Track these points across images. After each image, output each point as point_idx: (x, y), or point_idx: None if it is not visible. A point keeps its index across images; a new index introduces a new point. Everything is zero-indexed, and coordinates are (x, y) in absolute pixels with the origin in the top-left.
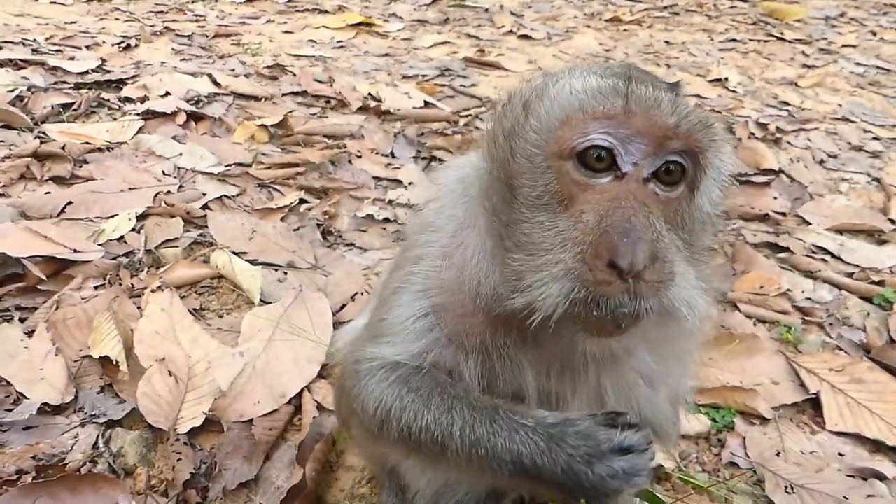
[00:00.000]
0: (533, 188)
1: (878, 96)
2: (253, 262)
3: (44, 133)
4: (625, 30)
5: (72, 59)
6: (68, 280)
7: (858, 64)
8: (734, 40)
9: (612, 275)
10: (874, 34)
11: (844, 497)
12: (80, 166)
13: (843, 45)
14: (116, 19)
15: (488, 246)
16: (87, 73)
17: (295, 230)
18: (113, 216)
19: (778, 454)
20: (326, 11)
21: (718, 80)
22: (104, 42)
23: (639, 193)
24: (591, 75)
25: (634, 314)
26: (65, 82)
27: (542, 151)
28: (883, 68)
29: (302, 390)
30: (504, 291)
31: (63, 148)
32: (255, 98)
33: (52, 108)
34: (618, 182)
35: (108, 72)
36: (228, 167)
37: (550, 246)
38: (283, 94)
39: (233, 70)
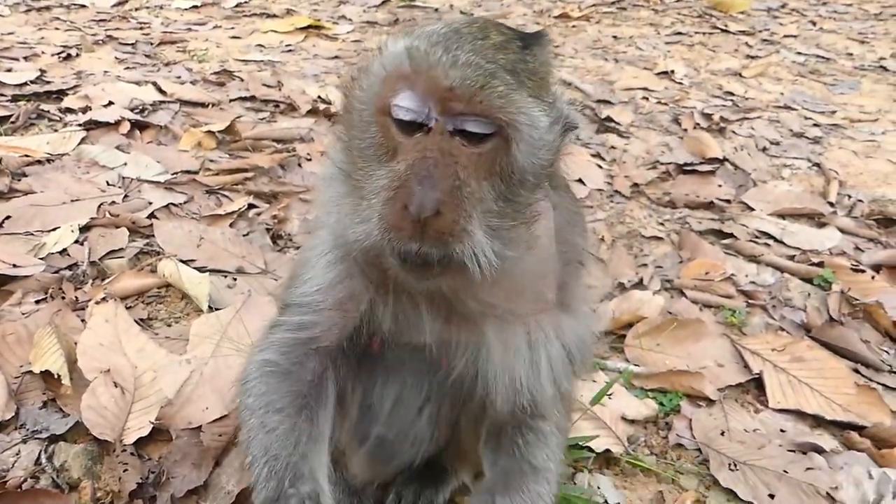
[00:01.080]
0: (363, 140)
1: (819, 84)
2: (201, 270)
3: None
4: (573, 26)
5: (9, 70)
6: (8, 296)
7: (799, 53)
8: (680, 33)
9: (404, 219)
10: (814, 24)
11: (784, 471)
12: (19, 180)
13: (785, 36)
14: (56, 29)
15: (345, 202)
16: (25, 84)
17: (244, 235)
18: (54, 229)
19: (723, 433)
20: (274, 16)
21: (665, 72)
22: (43, 52)
23: (444, 145)
24: (403, 38)
25: (422, 259)
26: (2, 95)
27: (367, 107)
28: (823, 57)
29: None
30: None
31: (0, 161)
32: (202, 105)
33: None
34: (425, 136)
35: (48, 83)
36: (175, 175)
37: (371, 192)
38: (231, 100)
39: (178, 77)
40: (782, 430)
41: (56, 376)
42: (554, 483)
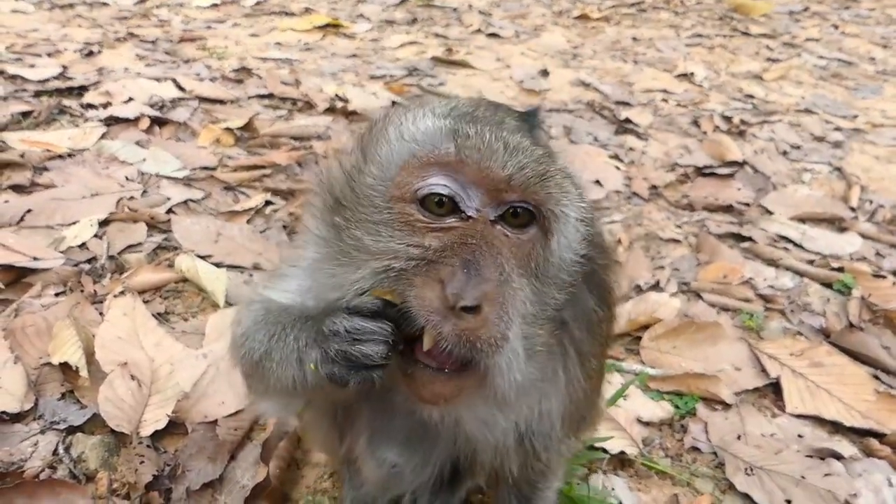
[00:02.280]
0: (361, 220)
1: (840, 88)
2: (218, 265)
3: (2, 142)
4: (593, 27)
5: (32, 66)
6: (28, 288)
7: (821, 57)
8: (700, 35)
9: (434, 292)
10: (836, 27)
11: (802, 477)
12: (41, 174)
13: (807, 39)
14: (79, 26)
15: (319, 257)
16: (47, 80)
17: (261, 232)
18: (74, 223)
19: (739, 438)
20: (293, 14)
21: (685, 74)
22: (66, 49)
23: (487, 234)
24: (427, 116)
25: (438, 362)
26: (24, 90)
27: (382, 195)
28: (844, 61)
29: None
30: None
31: (22, 156)
32: (221, 102)
33: (12, 116)
34: (464, 222)
35: (70, 79)
36: (193, 171)
37: (382, 251)
38: (249, 97)
39: (198, 74)
40: (800, 436)
41: (74, 368)
42: None
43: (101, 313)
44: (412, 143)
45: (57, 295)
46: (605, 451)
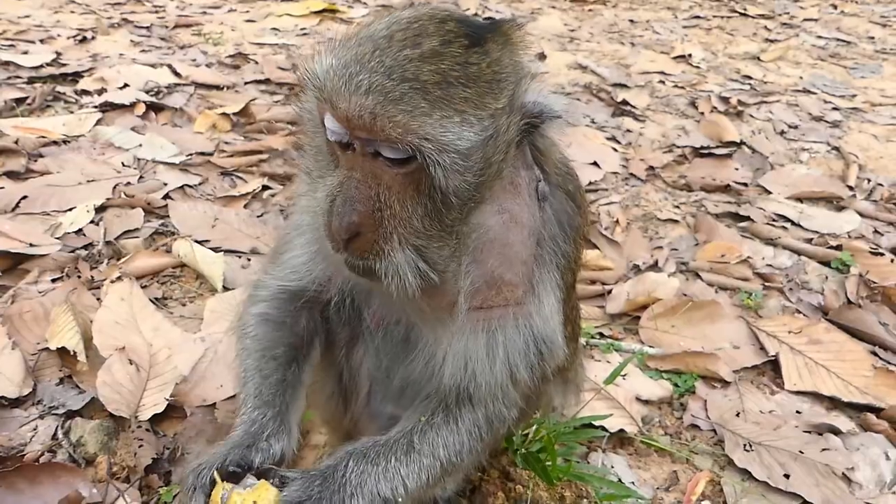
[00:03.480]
0: (313, 147)
1: (839, 68)
2: (216, 250)
3: None
4: (589, 10)
5: (25, 53)
6: (24, 274)
7: (820, 37)
8: (698, 17)
9: (330, 234)
10: (835, 7)
11: (800, 451)
12: (36, 160)
13: (805, 19)
14: (72, 12)
15: (309, 197)
16: (41, 66)
17: (258, 216)
18: (70, 209)
19: (738, 415)
20: None
21: (682, 56)
22: (59, 35)
23: (367, 166)
24: (328, 54)
25: (351, 268)
26: (18, 77)
27: (312, 118)
28: (843, 40)
29: None
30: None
31: (16, 142)
32: (217, 87)
33: (5, 103)
34: (353, 154)
35: (64, 65)
36: (190, 156)
37: (320, 198)
38: (246, 83)
39: (194, 60)
40: (798, 412)
41: (72, 353)
42: (423, 472)
43: (98, 299)
44: (315, 81)
45: (54, 281)
46: (604, 429)
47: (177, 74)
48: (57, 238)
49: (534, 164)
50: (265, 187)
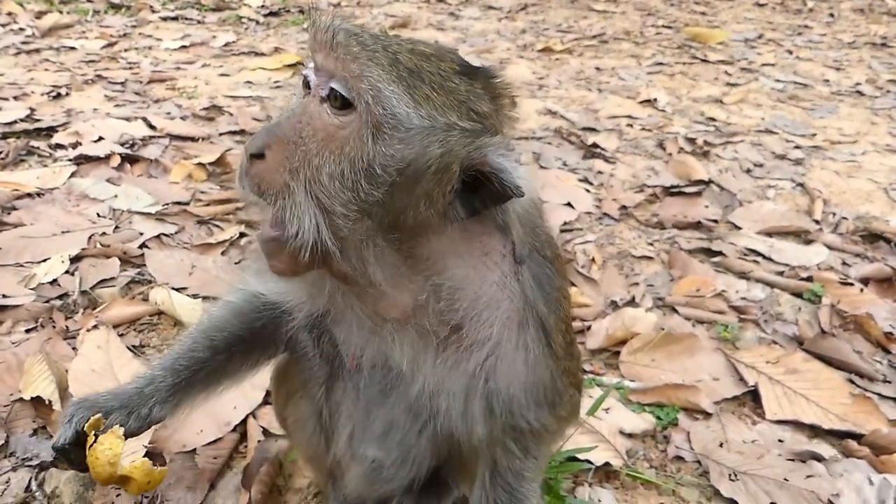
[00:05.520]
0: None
1: (798, 109)
2: (194, 297)
3: None
4: (557, 59)
5: None
6: None
7: (778, 80)
8: (661, 64)
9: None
10: (790, 53)
11: (785, 479)
12: (9, 213)
13: (763, 64)
14: (46, 70)
15: None
16: (14, 122)
17: (236, 263)
18: (45, 260)
19: (721, 445)
20: (262, 54)
21: (648, 100)
22: (33, 92)
23: (310, 108)
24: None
25: (243, 188)
26: None
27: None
28: (800, 83)
29: (247, 417)
30: None
31: None
32: (192, 139)
33: None
34: (306, 95)
35: (38, 120)
36: (166, 206)
37: None
38: (221, 134)
39: (168, 113)
40: (780, 440)
41: (47, 402)
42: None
43: (73, 348)
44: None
45: (28, 331)
46: (590, 462)
47: (151, 127)
48: (31, 289)
49: (508, 228)
50: (242, 234)
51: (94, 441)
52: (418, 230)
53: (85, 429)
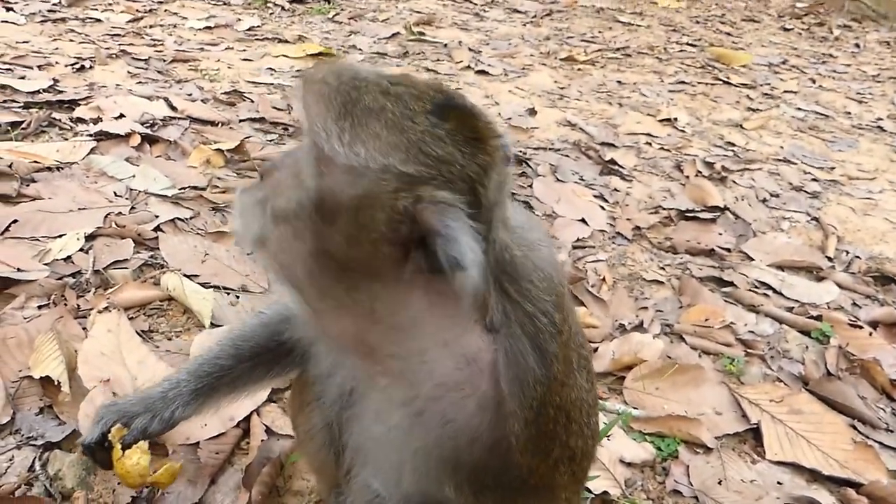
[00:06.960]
0: None
1: (818, 140)
2: (205, 286)
3: None
4: (579, 69)
5: (22, 78)
6: (10, 299)
7: (799, 109)
8: (683, 82)
9: None
10: (813, 81)
11: None
12: (28, 185)
13: (785, 91)
14: (71, 41)
15: None
16: (38, 92)
17: (249, 254)
18: (60, 236)
19: (720, 482)
20: (286, 41)
21: (668, 119)
22: (57, 63)
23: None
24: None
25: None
26: (14, 101)
27: None
28: (822, 114)
29: (251, 413)
30: None
31: (10, 166)
32: (212, 123)
33: (1, 126)
34: None
35: (61, 92)
36: (182, 190)
37: None
38: (241, 120)
39: (190, 95)
40: (779, 483)
41: (56, 383)
42: None
43: (84, 328)
44: None
45: (40, 307)
46: (589, 490)
47: (173, 108)
48: (45, 264)
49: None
50: None
51: (122, 455)
52: (372, 281)
53: (110, 437)
